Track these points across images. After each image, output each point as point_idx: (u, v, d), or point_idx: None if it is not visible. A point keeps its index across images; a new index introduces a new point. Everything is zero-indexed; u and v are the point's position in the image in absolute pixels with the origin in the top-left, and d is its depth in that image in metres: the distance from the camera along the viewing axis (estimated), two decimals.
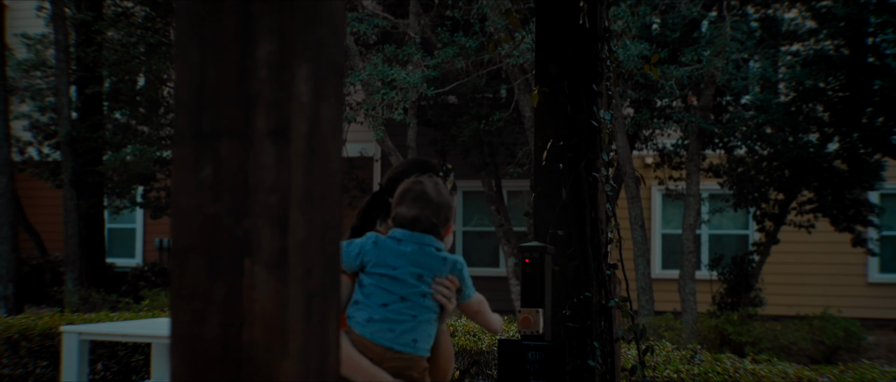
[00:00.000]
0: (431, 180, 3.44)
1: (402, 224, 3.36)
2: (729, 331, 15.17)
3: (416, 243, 3.34)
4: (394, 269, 3.33)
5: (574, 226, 4.54)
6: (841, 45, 15.74)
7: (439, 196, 3.38)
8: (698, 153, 16.10)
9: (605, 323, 4.51)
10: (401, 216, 3.36)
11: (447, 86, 17.16)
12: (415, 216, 3.33)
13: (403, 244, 3.34)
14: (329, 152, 2.39)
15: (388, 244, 3.35)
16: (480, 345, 7.12)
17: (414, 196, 3.37)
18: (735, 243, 20.45)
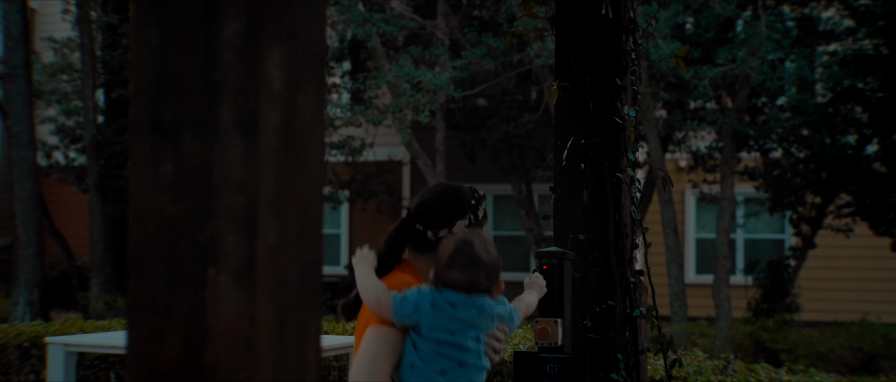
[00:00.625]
0: (480, 239, 3.31)
1: (456, 289, 3.25)
2: (764, 338, 14.82)
3: (473, 308, 3.24)
4: (451, 334, 3.21)
5: (596, 230, 4.25)
6: (880, 44, 15.35)
7: (490, 257, 3.28)
8: (733, 156, 15.75)
9: (630, 334, 4.21)
10: (454, 282, 3.24)
11: (476, 88, 16.90)
12: (469, 282, 3.23)
13: (460, 309, 3.22)
14: (307, 146, 2.12)
15: (446, 308, 3.22)
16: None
17: (466, 260, 3.24)
18: (771, 247, 20.07)
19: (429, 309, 3.19)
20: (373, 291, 3.27)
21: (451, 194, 3.54)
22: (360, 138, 18.59)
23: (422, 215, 3.53)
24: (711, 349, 14.23)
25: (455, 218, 3.54)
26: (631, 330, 4.23)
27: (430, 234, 3.52)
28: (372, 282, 3.29)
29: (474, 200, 3.57)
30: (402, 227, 3.57)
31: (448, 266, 3.24)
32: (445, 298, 3.21)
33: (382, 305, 3.24)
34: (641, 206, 17.45)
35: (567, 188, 4.30)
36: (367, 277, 3.30)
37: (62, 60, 18.99)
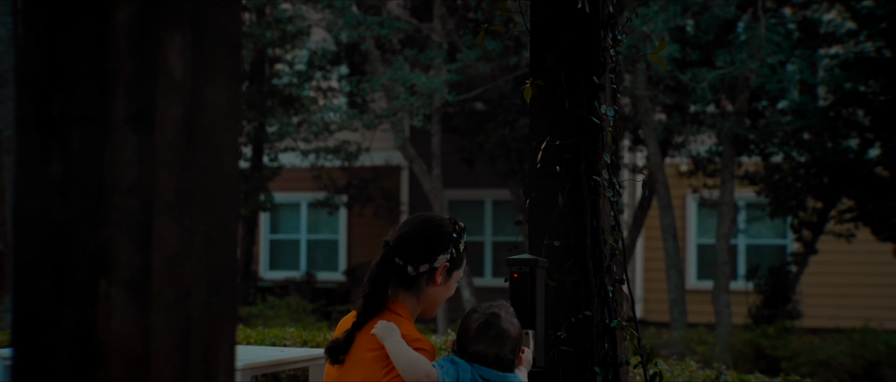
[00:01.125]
0: (507, 312, 3.34)
1: (484, 363, 3.27)
2: (764, 345, 14.59)
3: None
4: None
5: (573, 236, 4.02)
6: (882, 46, 15.12)
7: (514, 329, 3.32)
8: (733, 160, 15.53)
9: (609, 345, 3.99)
10: (482, 355, 3.28)
11: (472, 91, 16.69)
12: (496, 355, 3.27)
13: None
14: (216, 144, 1.90)
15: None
16: None
17: (494, 334, 3.28)
18: (772, 253, 19.87)
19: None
20: (421, 367, 3.21)
21: (431, 228, 3.44)
22: (357, 143, 18.39)
23: (402, 249, 3.43)
24: (711, 356, 14.00)
25: (436, 252, 3.44)
26: (609, 342, 4.01)
27: (410, 269, 3.43)
28: (414, 356, 3.23)
29: (455, 232, 3.46)
30: (384, 263, 3.45)
31: (476, 339, 3.26)
32: (480, 373, 3.24)
33: (431, 379, 3.21)
34: (641, 210, 17.24)
35: (542, 192, 4.08)
36: (406, 349, 3.24)
37: None
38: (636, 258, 20.14)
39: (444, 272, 3.45)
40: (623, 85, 15.08)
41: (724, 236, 15.41)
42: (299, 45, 18.34)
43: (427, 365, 3.20)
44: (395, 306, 3.42)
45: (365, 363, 3.30)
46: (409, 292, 3.44)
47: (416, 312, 3.48)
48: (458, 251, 3.45)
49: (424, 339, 3.36)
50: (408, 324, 3.38)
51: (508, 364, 3.27)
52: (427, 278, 3.44)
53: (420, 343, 3.30)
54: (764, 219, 18.74)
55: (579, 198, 4.04)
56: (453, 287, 3.50)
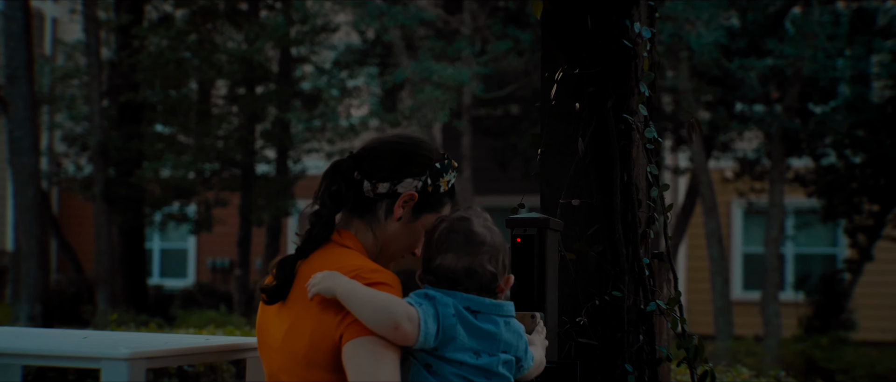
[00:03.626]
0: (479, 216, 2.57)
1: (452, 281, 2.47)
2: (817, 357, 13.60)
3: (500, 317, 2.47)
4: (477, 356, 2.44)
5: (597, 194, 3.09)
6: None
7: (493, 236, 2.54)
8: (782, 160, 14.51)
9: (644, 337, 3.04)
10: (450, 270, 2.48)
11: (505, 89, 15.80)
12: (467, 268, 2.47)
13: (483, 319, 2.45)
14: None
15: (467, 318, 2.45)
16: None
17: (462, 239, 2.50)
18: (822, 263, 18.89)
19: (454, 324, 2.42)
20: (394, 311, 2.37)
21: (408, 144, 2.62)
22: None
23: (363, 159, 2.59)
24: (759, 368, 13.01)
25: (404, 173, 2.57)
26: (645, 332, 3.06)
27: (367, 186, 2.54)
28: (380, 299, 2.39)
29: (440, 163, 2.60)
30: (336, 172, 2.56)
31: (439, 249, 2.49)
32: (465, 303, 2.46)
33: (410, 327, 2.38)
34: (684, 215, 16.23)
35: (557, 138, 3.15)
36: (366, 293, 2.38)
37: (72, 63, 18.14)
38: (679, 266, 19.13)
39: (410, 206, 2.58)
40: (664, 80, 14.16)
41: (774, 241, 14.40)
42: (325, 43, 17.56)
43: (402, 306, 2.37)
44: (343, 237, 2.55)
45: (312, 309, 2.40)
46: (364, 220, 2.58)
47: (371, 253, 2.59)
48: (436, 187, 2.59)
49: (383, 270, 2.47)
50: (356, 256, 2.50)
51: (488, 279, 2.47)
52: (387, 206, 2.57)
53: (378, 275, 2.42)
54: (812, 226, 17.72)
55: (606, 145, 3.11)
56: (419, 237, 2.59)
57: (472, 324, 2.41)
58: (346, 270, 2.40)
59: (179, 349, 2.54)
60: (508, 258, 2.53)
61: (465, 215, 2.53)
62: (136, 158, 17.02)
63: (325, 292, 2.36)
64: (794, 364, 13.73)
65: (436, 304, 2.40)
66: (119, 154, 16.84)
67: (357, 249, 2.54)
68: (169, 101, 17.80)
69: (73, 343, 2.65)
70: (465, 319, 2.41)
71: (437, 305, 2.40)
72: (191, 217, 18.26)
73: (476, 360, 2.40)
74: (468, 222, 2.50)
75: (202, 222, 18.01)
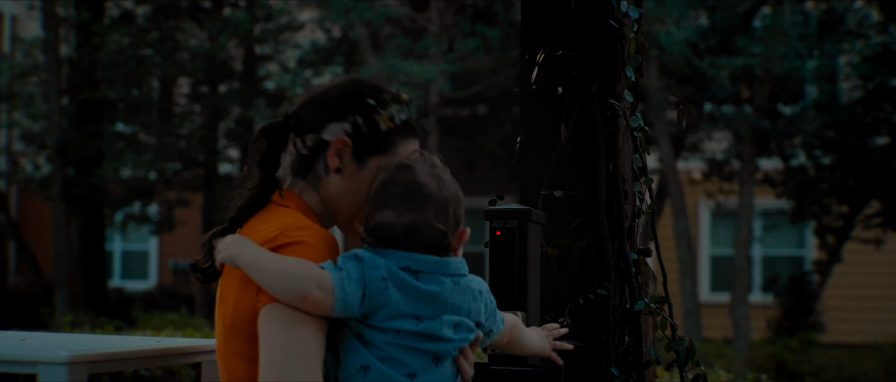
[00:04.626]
0: (425, 163, 2.19)
1: (392, 239, 2.11)
2: (788, 359, 13.46)
3: (445, 275, 2.14)
4: (418, 321, 2.10)
5: (581, 185, 2.88)
6: None
7: (441, 187, 2.16)
8: (752, 161, 14.39)
9: (631, 338, 2.83)
10: (386, 228, 2.12)
11: (472, 88, 15.60)
12: (409, 225, 2.11)
13: (426, 279, 2.12)
14: None
15: (404, 280, 2.10)
16: None
17: (402, 192, 2.13)
18: (789, 264, 18.80)
19: (382, 288, 2.08)
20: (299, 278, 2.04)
21: (335, 87, 2.30)
22: None
23: (293, 114, 2.29)
24: (730, 370, 12.87)
25: (327, 119, 2.25)
26: (631, 333, 2.85)
27: (298, 143, 2.27)
28: (284, 266, 2.06)
29: (374, 99, 2.25)
30: (267, 131, 2.29)
31: (376, 204, 2.14)
32: (402, 263, 2.10)
33: (323, 293, 2.04)
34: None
35: (539, 125, 2.93)
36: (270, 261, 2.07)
37: (31, 60, 17.77)
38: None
39: (347, 153, 2.26)
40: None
41: (743, 242, 14.27)
42: (289, 41, 17.31)
43: (310, 272, 2.05)
44: (284, 197, 2.27)
45: (236, 275, 2.14)
46: (306, 180, 2.29)
47: (320, 214, 2.31)
48: (373, 125, 2.24)
49: (312, 228, 2.17)
50: (291, 215, 2.22)
51: (435, 237, 2.12)
52: (324, 160, 2.27)
53: (301, 234, 2.13)
54: (780, 228, 17.65)
55: (591, 132, 2.90)
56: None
57: (412, 286, 2.09)
58: (272, 229, 2.14)
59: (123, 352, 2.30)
60: (461, 209, 2.19)
61: (408, 162, 2.17)
62: (96, 157, 16.68)
63: (227, 260, 2.10)
64: (765, 366, 13.60)
65: (363, 267, 2.07)
66: (78, 153, 16.49)
67: (298, 208, 2.26)
68: (130, 99, 17.49)
69: (9, 346, 2.42)
70: (403, 281, 2.09)
71: (364, 268, 2.07)
72: (152, 218, 17.96)
73: (417, 326, 2.09)
74: (410, 172, 2.14)
75: (164, 223, 17.71)
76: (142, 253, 23.52)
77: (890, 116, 14.37)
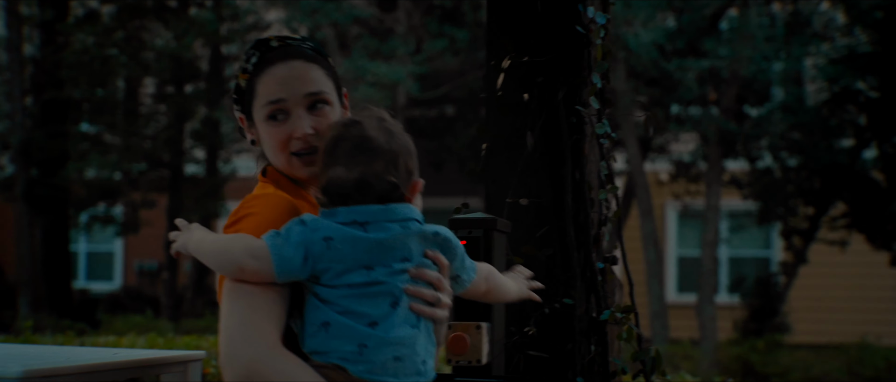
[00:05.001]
0: (373, 117, 2.20)
1: (343, 195, 2.12)
2: (754, 361, 13.53)
3: (392, 221, 2.13)
4: (371, 270, 2.10)
5: (547, 193, 2.84)
6: (877, 40, 14.11)
7: (391, 140, 2.17)
8: (718, 162, 14.42)
9: (596, 347, 2.80)
10: (337, 184, 2.13)
11: (440, 89, 15.56)
12: (360, 179, 2.12)
13: (374, 228, 2.12)
14: None
15: (350, 234, 2.11)
16: None
17: (351, 147, 2.14)
18: (755, 266, 18.87)
19: (323, 249, 2.09)
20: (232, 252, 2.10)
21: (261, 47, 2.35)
22: None
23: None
24: (697, 372, 12.91)
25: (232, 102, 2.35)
26: (597, 341, 2.82)
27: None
28: (220, 245, 2.13)
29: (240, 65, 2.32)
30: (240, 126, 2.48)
31: (327, 162, 2.16)
32: (345, 218, 2.12)
33: (257, 264, 2.08)
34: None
35: (504, 132, 2.90)
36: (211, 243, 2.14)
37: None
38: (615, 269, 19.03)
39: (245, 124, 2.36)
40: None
41: (710, 243, 14.30)
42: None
43: (243, 244, 2.10)
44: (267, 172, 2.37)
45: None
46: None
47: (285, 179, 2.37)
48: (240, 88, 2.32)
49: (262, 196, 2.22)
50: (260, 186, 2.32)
51: (387, 190, 2.13)
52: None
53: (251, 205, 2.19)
54: (746, 229, 17.71)
55: (557, 139, 2.86)
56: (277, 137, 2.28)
57: (359, 238, 2.10)
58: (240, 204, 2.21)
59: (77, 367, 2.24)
60: (414, 162, 2.20)
61: (357, 118, 2.19)
62: (60, 157, 16.51)
63: (180, 249, 2.17)
64: (731, 367, 13.65)
65: (305, 230, 2.09)
66: (42, 154, 16.32)
67: (272, 179, 2.32)
68: (95, 99, 17.34)
69: None
70: (349, 235, 2.10)
71: (306, 231, 2.09)
72: (117, 219, 17.81)
73: (369, 275, 2.10)
74: (359, 127, 2.16)
75: (129, 224, 17.56)
76: (107, 254, 23.34)
77: (855, 119, 14.44)
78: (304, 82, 2.25)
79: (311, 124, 2.24)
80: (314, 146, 2.25)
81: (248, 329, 2.03)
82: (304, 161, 2.26)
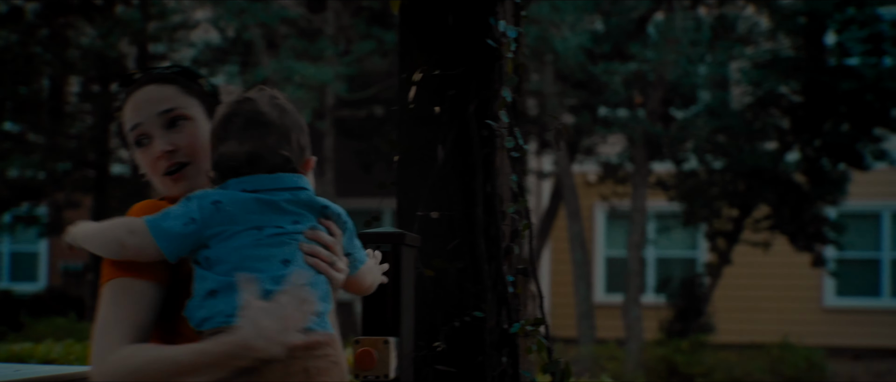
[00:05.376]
0: (265, 95, 2.18)
1: (235, 169, 2.12)
2: (678, 361, 13.68)
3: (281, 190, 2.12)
4: (260, 229, 2.08)
5: (458, 206, 2.85)
6: (800, 45, 14.35)
7: (283, 116, 2.17)
8: (645, 164, 14.55)
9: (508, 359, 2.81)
10: (228, 157, 2.12)
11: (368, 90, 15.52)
12: (252, 152, 2.11)
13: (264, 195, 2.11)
14: None
15: (239, 197, 2.10)
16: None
17: (243, 122, 2.13)
18: (682, 266, 19.06)
19: (212, 213, 2.09)
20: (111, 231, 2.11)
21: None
22: None
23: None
24: (622, 373, 13.03)
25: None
26: (508, 354, 2.83)
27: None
28: (103, 224, 2.15)
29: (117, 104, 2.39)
30: None
31: (219, 137, 2.16)
32: (234, 189, 2.12)
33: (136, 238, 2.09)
34: (547, 219, 16.20)
35: (416, 144, 2.90)
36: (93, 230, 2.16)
37: None
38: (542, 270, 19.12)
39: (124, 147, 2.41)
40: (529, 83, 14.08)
41: (636, 245, 14.43)
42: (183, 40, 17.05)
43: (121, 223, 2.12)
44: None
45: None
46: None
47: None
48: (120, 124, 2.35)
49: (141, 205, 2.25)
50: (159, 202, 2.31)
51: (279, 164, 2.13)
52: None
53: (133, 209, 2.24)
54: (673, 230, 17.90)
55: (468, 152, 2.87)
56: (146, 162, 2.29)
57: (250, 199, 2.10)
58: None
59: None
60: (306, 139, 2.20)
61: (250, 95, 2.18)
62: None
63: (71, 241, 2.18)
64: (656, 368, 13.78)
65: (190, 201, 2.10)
66: None
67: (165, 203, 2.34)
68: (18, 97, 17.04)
69: None
70: (240, 198, 2.09)
71: (192, 201, 2.10)
72: (42, 219, 17.54)
73: (259, 235, 2.08)
74: (251, 103, 2.15)
75: (53, 225, 17.31)
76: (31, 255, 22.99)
77: (778, 122, 14.65)
78: (155, 102, 2.26)
79: (169, 141, 2.24)
80: (180, 162, 2.25)
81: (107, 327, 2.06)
82: (174, 179, 2.26)
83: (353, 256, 2.24)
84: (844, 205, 15.68)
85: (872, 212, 18.55)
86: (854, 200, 16.45)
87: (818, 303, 18.61)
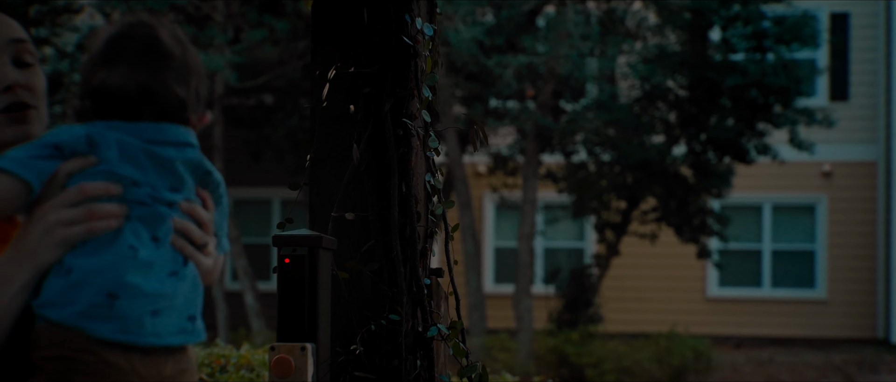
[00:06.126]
0: (166, 25, 1.77)
1: (120, 104, 1.70)
2: (569, 352, 13.80)
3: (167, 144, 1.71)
4: (135, 185, 1.69)
5: (373, 206, 2.79)
6: (686, 40, 14.59)
7: (186, 53, 1.77)
8: (536, 157, 14.65)
9: (423, 363, 2.77)
10: (114, 87, 1.69)
11: (259, 78, 15.30)
12: (141, 85, 1.70)
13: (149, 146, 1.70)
14: None
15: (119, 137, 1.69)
16: None
17: (140, 48, 1.72)
18: (570, 257, 19.25)
19: (86, 148, 1.68)
20: None
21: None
22: None
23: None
24: (513, 363, 13.11)
25: None
26: (424, 357, 2.79)
27: None
28: None
29: None
30: None
31: (104, 59, 1.72)
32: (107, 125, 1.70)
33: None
34: None
35: (330, 143, 2.83)
36: None
37: None
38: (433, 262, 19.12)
39: None
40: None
41: (526, 236, 14.53)
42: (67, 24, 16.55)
43: None
44: None
45: None
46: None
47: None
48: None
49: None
50: None
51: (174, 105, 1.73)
52: None
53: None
54: (562, 221, 18.06)
55: (383, 152, 2.82)
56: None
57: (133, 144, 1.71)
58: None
59: None
60: (204, 88, 1.83)
61: (147, 20, 1.78)
62: None
63: None
64: (546, 358, 13.89)
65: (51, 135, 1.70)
66: None
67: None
68: None
69: None
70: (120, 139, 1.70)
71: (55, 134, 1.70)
72: None
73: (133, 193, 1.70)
74: (150, 29, 1.76)
75: None
76: None
77: (665, 116, 14.88)
78: (7, 28, 1.86)
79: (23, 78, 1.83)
80: (23, 102, 1.83)
81: None
82: (16, 117, 1.83)
83: (218, 238, 1.84)
84: (728, 198, 16.00)
85: (754, 204, 19.00)
86: (737, 192, 16.82)
87: (702, 293, 19.01)
